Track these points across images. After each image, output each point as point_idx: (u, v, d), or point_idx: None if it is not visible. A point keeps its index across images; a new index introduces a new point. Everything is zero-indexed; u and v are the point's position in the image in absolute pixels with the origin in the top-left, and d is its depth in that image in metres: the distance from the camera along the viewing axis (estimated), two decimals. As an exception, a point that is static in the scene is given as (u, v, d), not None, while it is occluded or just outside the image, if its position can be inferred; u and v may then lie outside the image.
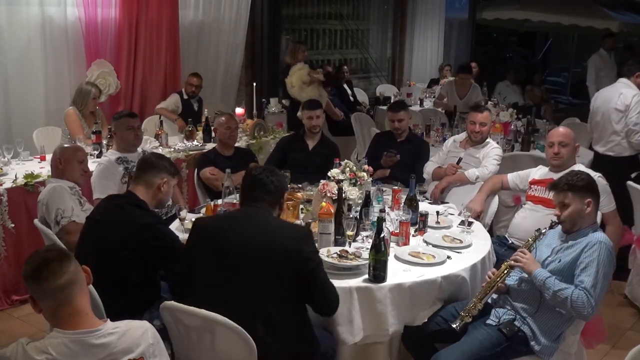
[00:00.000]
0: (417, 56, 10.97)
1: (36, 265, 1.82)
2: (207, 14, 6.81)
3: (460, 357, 2.60)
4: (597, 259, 2.58)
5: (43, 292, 1.82)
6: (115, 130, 4.12)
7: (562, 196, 2.74)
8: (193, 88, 6.10)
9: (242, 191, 2.69)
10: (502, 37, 14.87)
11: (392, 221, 3.28)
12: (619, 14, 10.60)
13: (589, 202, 2.71)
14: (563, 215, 2.73)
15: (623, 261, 4.16)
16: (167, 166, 2.98)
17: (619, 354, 3.41)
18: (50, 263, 1.82)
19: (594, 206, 2.73)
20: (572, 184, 2.72)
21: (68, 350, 1.79)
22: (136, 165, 3.06)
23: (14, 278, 4.06)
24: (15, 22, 5.19)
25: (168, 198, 3.09)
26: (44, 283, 1.81)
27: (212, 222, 2.69)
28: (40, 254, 1.89)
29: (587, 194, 2.72)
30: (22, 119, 5.27)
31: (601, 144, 4.91)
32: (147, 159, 3.01)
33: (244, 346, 2.26)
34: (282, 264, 2.36)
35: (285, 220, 2.77)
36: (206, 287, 2.42)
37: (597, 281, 2.55)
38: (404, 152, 4.65)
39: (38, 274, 1.81)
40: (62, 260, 1.84)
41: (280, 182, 2.62)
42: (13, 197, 4.00)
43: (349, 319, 2.66)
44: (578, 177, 2.76)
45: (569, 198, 2.71)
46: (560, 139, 3.64)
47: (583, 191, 2.72)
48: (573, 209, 2.71)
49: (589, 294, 2.53)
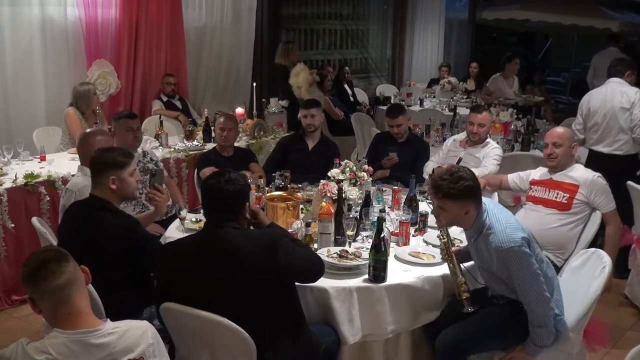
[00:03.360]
0: (417, 56, 10.96)
1: (34, 267, 1.82)
2: (210, 14, 6.82)
3: (463, 332, 2.67)
4: (512, 268, 2.56)
5: (42, 292, 1.82)
6: (115, 131, 4.12)
7: (439, 202, 2.67)
8: (172, 87, 6.10)
9: (203, 206, 2.50)
10: (502, 37, 14.88)
11: (392, 221, 3.28)
12: (619, 14, 10.60)
13: (468, 209, 2.65)
14: (442, 216, 2.70)
15: (623, 261, 4.17)
16: (114, 160, 2.81)
17: (619, 354, 3.41)
18: (48, 263, 1.81)
19: (473, 209, 2.66)
20: (449, 192, 2.62)
21: (68, 350, 1.79)
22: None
23: (14, 278, 4.06)
24: (16, 22, 5.19)
25: (130, 190, 2.87)
26: (43, 284, 1.80)
27: (177, 263, 2.40)
28: (37, 254, 1.87)
29: (464, 202, 2.63)
30: (22, 119, 5.27)
31: (605, 144, 4.84)
32: (91, 160, 2.88)
33: (244, 346, 2.26)
34: (263, 287, 2.32)
35: (249, 235, 2.48)
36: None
37: (527, 286, 2.56)
38: (404, 152, 4.65)
39: (36, 274, 1.81)
40: (60, 261, 1.84)
41: (237, 186, 2.39)
42: (13, 197, 4.00)
43: (349, 319, 2.66)
44: (454, 187, 2.60)
45: (447, 205, 2.65)
46: (555, 140, 3.64)
47: (459, 199, 2.63)
48: (450, 214, 2.67)
49: (530, 310, 2.56)
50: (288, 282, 2.42)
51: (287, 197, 3.40)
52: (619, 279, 4.21)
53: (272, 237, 2.41)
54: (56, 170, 4.31)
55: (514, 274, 2.58)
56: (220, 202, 2.38)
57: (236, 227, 2.39)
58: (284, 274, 2.35)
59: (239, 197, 2.42)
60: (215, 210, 2.41)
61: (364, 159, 4.01)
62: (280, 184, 3.90)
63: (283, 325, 2.39)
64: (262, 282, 2.31)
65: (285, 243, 2.38)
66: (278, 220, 3.16)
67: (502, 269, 2.62)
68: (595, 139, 4.92)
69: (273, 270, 2.30)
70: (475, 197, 2.66)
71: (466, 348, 2.73)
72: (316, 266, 2.48)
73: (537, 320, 2.58)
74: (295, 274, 2.41)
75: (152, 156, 4.27)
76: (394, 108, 4.90)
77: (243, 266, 2.29)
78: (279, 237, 2.41)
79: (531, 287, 2.56)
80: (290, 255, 2.35)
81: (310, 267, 2.46)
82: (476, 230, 2.70)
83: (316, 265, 2.48)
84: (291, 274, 2.39)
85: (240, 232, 2.40)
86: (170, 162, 4.99)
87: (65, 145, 4.97)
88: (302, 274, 2.46)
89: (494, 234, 2.60)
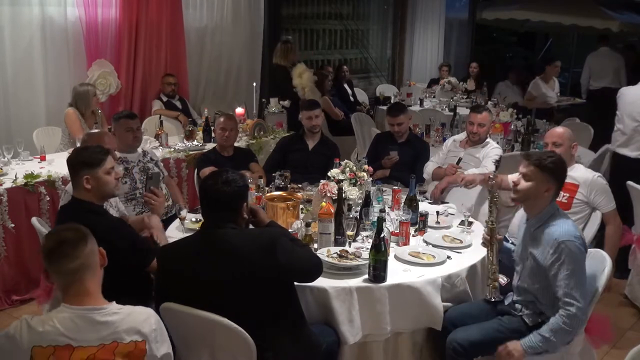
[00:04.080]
0: (417, 56, 10.96)
1: (51, 246, 1.91)
2: (210, 14, 6.82)
3: (477, 334, 2.67)
4: (564, 260, 2.55)
5: (54, 271, 1.91)
6: (115, 131, 4.12)
7: (527, 169, 2.72)
8: (172, 87, 6.10)
9: (202, 206, 2.49)
10: (502, 37, 14.85)
11: (392, 221, 3.28)
12: (619, 14, 10.58)
13: (550, 187, 2.69)
14: (519, 186, 2.73)
15: (623, 261, 4.17)
16: (86, 159, 2.75)
17: (619, 354, 3.41)
18: (64, 245, 1.89)
19: (553, 192, 2.71)
20: (542, 162, 2.69)
21: (73, 324, 1.86)
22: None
23: (14, 278, 4.07)
24: (16, 22, 5.19)
25: (107, 188, 2.80)
26: (55, 264, 1.89)
27: (176, 264, 2.40)
28: (58, 232, 1.98)
29: (551, 179, 2.69)
30: (22, 119, 5.27)
31: (631, 148, 4.77)
32: (67, 160, 2.84)
33: (244, 346, 2.26)
34: (262, 287, 2.32)
35: (248, 234, 2.47)
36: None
37: (573, 281, 2.53)
38: (404, 152, 4.65)
39: (51, 254, 1.90)
40: (77, 243, 1.91)
41: (235, 187, 2.39)
42: (13, 197, 4.00)
43: (349, 319, 2.66)
44: (551, 159, 2.71)
45: (534, 175, 2.69)
46: (554, 140, 3.64)
47: (548, 173, 2.68)
48: (533, 185, 2.70)
49: (570, 297, 2.53)
50: (287, 281, 2.42)
51: (287, 197, 3.40)
52: (619, 279, 4.21)
53: (271, 236, 2.41)
54: (56, 170, 4.31)
55: (563, 270, 2.55)
56: (219, 202, 2.38)
57: (234, 227, 2.39)
58: (284, 273, 2.35)
59: (237, 197, 2.41)
60: (214, 210, 2.40)
61: (364, 159, 4.01)
62: (280, 184, 3.90)
63: (283, 325, 2.39)
64: (262, 281, 2.31)
65: (284, 242, 2.38)
66: (278, 221, 3.16)
67: (552, 264, 2.59)
68: (622, 141, 4.82)
69: (273, 270, 2.30)
70: (559, 179, 2.73)
71: (478, 350, 2.73)
72: (315, 266, 2.48)
73: (569, 320, 2.53)
74: (294, 273, 2.41)
75: (152, 156, 4.27)
76: (395, 107, 4.93)
77: (243, 266, 2.30)
78: (278, 237, 2.41)
79: (575, 285, 2.53)
80: (290, 255, 2.35)
81: (310, 267, 2.46)
82: (541, 219, 2.71)
83: (315, 265, 2.49)
84: (290, 273, 2.39)
85: (238, 231, 2.40)
86: (170, 162, 4.99)
87: (65, 146, 4.97)
88: (301, 273, 2.46)
89: (557, 226, 2.64)
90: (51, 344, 1.83)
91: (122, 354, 1.88)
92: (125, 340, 1.89)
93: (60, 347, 1.83)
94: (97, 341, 1.86)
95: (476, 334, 2.71)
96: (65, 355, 1.83)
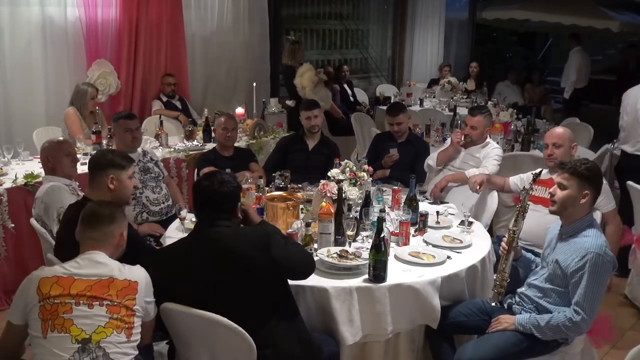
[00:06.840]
0: (417, 56, 10.95)
1: (86, 213, 2.37)
2: (210, 14, 6.81)
3: (487, 351, 2.65)
4: (588, 270, 2.54)
5: (81, 235, 2.34)
6: (114, 131, 4.12)
7: (562, 178, 2.73)
8: (172, 87, 6.10)
9: (195, 207, 2.51)
10: (502, 37, 14.84)
11: (392, 221, 3.28)
12: (619, 14, 10.59)
13: (586, 194, 2.69)
14: (556, 196, 2.73)
15: (623, 261, 4.17)
16: (114, 160, 2.85)
17: (619, 354, 3.41)
18: (94, 217, 2.34)
19: (589, 199, 2.70)
20: (576, 169, 2.70)
21: (76, 264, 2.24)
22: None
23: (14, 278, 4.06)
24: (16, 22, 5.19)
25: (126, 193, 2.90)
26: (81, 226, 2.34)
27: (174, 265, 2.43)
28: (98, 204, 2.46)
29: (587, 185, 2.69)
30: (22, 119, 5.27)
31: (630, 144, 4.80)
32: (91, 159, 2.94)
33: (244, 346, 2.26)
34: (259, 282, 2.35)
35: (242, 231, 2.52)
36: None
37: (589, 293, 2.53)
38: (404, 152, 4.65)
39: (84, 218, 2.35)
40: (103, 221, 2.33)
41: (230, 188, 2.46)
42: (13, 197, 4.00)
43: (349, 319, 2.66)
44: (585, 166, 2.71)
45: (570, 182, 2.70)
46: (554, 140, 3.64)
47: (583, 180, 2.68)
48: (568, 194, 2.70)
49: (581, 307, 2.53)
50: (281, 276, 2.45)
51: (287, 197, 3.40)
52: (619, 279, 4.22)
53: (264, 233, 2.47)
54: (56, 170, 4.30)
55: (584, 280, 2.54)
56: (216, 202, 2.44)
57: (228, 226, 2.45)
58: (279, 269, 2.38)
59: (232, 197, 2.48)
60: (211, 210, 2.45)
61: (364, 159, 4.01)
62: (280, 184, 3.90)
63: (280, 321, 2.40)
64: (258, 277, 2.35)
65: (277, 239, 2.44)
66: (278, 220, 3.17)
67: (575, 271, 2.58)
68: (622, 137, 4.85)
69: (268, 265, 2.34)
70: (595, 185, 2.73)
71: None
72: (309, 263, 2.53)
73: (570, 324, 2.56)
74: (288, 269, 2.44)
75: (152, 156, 4.27)
76: (395, 106, 4.93)
77: (239, 263, 2.33)
78: (270, 234, 2.47)
79: (590, 298, 2.53)
80: (283, 250, 2.40)
81: (304, 263, 2.50)
82: (577, 227, 2.69)
83: (309, 262, 2.53)
84: (284, 269, 2.42)
85: (232, 230, 2.45)
86: (170, 162, 4.99)
87: (65, 145, 4.96)
88: (295, 269, 2.48)
89: (591, 237, 2.63)
90: (56, 274, 2.19)
91: (116, 288, 2.18)
92: (120, 278, 2.21)
93: (63, 278, 2.18)
94: (95, 276, 2.19)
95: (487, 351, 2.66)
96: (67, 284, 2.16)
